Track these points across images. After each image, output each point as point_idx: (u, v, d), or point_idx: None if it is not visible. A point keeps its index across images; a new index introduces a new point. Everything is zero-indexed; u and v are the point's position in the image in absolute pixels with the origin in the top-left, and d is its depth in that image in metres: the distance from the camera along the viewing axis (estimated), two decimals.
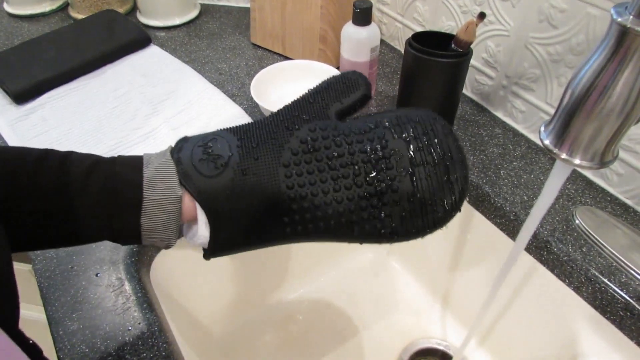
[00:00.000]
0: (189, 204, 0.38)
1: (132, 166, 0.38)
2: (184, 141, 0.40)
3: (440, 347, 0.72)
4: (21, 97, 0.72)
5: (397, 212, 0.37)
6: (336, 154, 0.37)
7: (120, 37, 0.83)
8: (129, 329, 0.47)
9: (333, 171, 0.37)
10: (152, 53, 0.84)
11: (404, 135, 0.38)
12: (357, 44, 0.68)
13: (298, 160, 0.37)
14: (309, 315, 0.77)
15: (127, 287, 0.50)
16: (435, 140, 0.38)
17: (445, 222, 0.39)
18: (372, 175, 0.37)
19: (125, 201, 0.37)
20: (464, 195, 0.38)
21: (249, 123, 0.41)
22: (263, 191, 0.37)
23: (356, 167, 0.37)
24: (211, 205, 0.37)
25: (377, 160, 0.37)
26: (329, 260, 0.81)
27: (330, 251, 0.80)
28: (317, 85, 0.42)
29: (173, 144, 0.40)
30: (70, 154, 0.38)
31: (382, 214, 0.37)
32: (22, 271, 0.63)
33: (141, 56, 0.83)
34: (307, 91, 0.42)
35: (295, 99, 0.42)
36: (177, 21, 0.93)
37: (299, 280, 0.79)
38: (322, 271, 0.81)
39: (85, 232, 0.38)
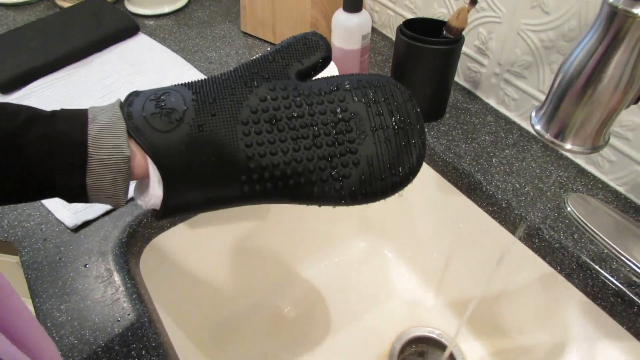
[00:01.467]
0: (140, 161, 0.37)
1: (75, 122, 0.36)
2: (134, 95, 0.38)
3: (433, 336, 0.72)
4: (7, 86, 0.71)
5: (356, 174, 0.37)
6: (296, 114, 0.37)
7: (107, 26, 0.82)
8: (118, 320, 0.46)
9: (292, 131, 0.36)
10: (141, 42, 0.83)
11: (363, 99, 0.38)
12: (348, 31, 0.67)
13: (257, 119, 0.37)
14: (302, 305, 0.77)
15: (116, 278, 0.50)
16: (395, 105, 0.38)
17: (403, 186, 0.39)
18: (332, 136, 0.37)
19: (68, 161, 0.35)
20: (421, 160, 0.39)
21: (203, 79, 0.39)
22: (220, 148, 0.36)
23: (315, 128, 0.37)
24: (165, 162, 0.36)
25: (337, 122, 0.37)
26: (321, 249, 0.81)
27: (323, 240, 0.80)
28: (277, 45, 0.41)
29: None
30: (2, 107, 0.36)
31: (342, 176, 0.37)
32: (9, 263, 0.62)
33: (129, 45, 0.82)
34: (267, 50, 0.41)
35: (254, 57, 0.40)
36: (166, 9, 0.92)
37: (292, 270, 0.79)
38: (315, 260, 0.81)
39: (26, 192, 0.36)
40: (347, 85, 0.38)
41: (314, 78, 0.41)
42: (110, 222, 0.55)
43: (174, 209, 0.38)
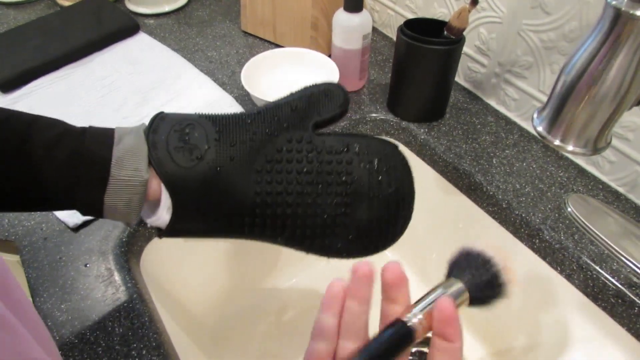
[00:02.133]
0: (155, 186, 0.39)
1: (102, 142, 0.38)
2: (160, 120, 0.40)
3: None
4: (7, 85, 0.71)
5: (345, 234, 0.40)
6: (305, 170, 0.39)
7: (108, 25, 0.82)
8: (119, 320, 0.46)
9: (299, 185, 0.39)
10: (141, 41, 0.83)
11: (368, 166, 0.40)
12: (349, 31, 0.67)
13: (270, 168, 0.39)
14: (302, 304, 0.77)
15: (117, 277, 0.50)
16: (395, 177, 0.41)
17: (384, 249, 0.43)
18: (333, 196, 0.39)
19: (91, 177, 0.37)
20: (404, 229, 0.43)
21: (229, 115, 0.41)
22: (232, 190, 0.39)
23: (320, 187, 0.39)
24: (179, 195, 0.38)
25: (340, 184, 0.39)
26: None
27: None
28: (300, 92, 0.43)
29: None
30: (37, 120, 0.38)
31: (333, 234, 0.40)
32: (10, 262, 0.62)
33: (129, 44, 0.82)
34: (290, 95, 0.43)
35: (279, 100, 0.43)
36: (166, 8, 0.92)
37: (292, 269, 0.79)
38: (315, 260, 0.80)
39: (47, 201, 0.38)
40: (357, 149, 0.40)
41: (328, 130, 0.43)
42: (110, 222, 0.55)
43: (176, 233, 0.40)
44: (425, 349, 0.72)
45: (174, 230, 0.40)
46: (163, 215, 0.39)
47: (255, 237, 0.41)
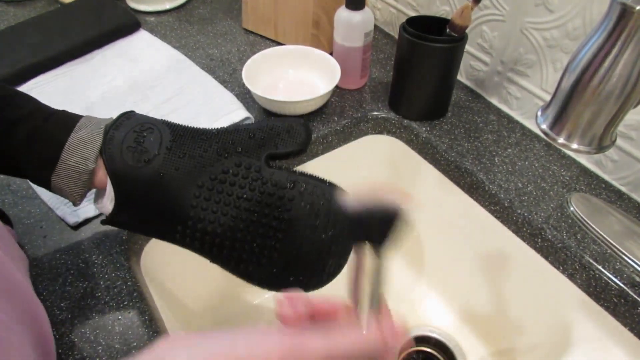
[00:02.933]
0: (103, 177, 0.42)
1: (63, 126, 0.42)
2: (125, 118, 0.43)
3: (434, 335, 0.72)
4: (7, 82, 0.70)
5: (270, 266, 0.41)
6: (245, 197, 0.40)
7: (108, 22, 0.81)
8: (119, 319, 0.46)
9: (236, 209, 0.40)
10: (142, 38, 0.82)
11: (308, 207, 0.41)
12: (351, 28, 0.67)
13: (212, 186, 0.41)
14: None
15: (117, 275, 0.49)
16: (334, 222, 0.41)
17: (305, 291, 0.42)
18: (267, 228, 0.40)
19: (43, 157, 0.41)
20: (330, 279, 0.43)
21: (190, 128, 0.44)
22: (170, 199, 0.41)
23: (256, 215, 0.40)
24: (122, 190, 0.41)
25: (276, 218, 0.40)
26: None
27: None
28: (263, 121, 0.45)
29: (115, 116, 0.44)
30: (13, 97, 0.43)
31: (259, 263, 0.41)
32: None
33: (130, 41, 0.81)
34: (254, 123, 0.45)
35: (241, 125, 0.45)
36: (167, 5, 0.91)
37: None
38: None
39: (13, 169, 0.43)
40: (302, 188, 0.41)
41: (281, 165, 0.44)
42: None
43: (117, 224, 0.44)
44: (426, 349, 0.72)
45: (113, 221, 0.43)
46: (107, 205, 0.42)
47: (186, 247, 0.42)
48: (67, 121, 0.42)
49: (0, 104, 0.41)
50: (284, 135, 0.44)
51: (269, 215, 0.40)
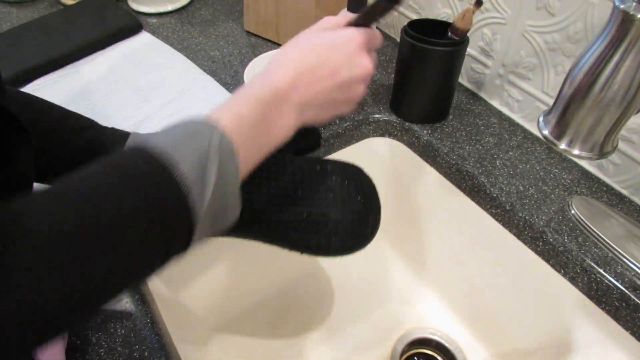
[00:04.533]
0: None
1: (118, 137, 0.48)
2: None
3: (435, 337, 0.72)
4: (9, 84, 0.71)
5: (324, 233, 0.46)
6: (284, 179, 0.46)
7: (110, 24, 0.81)
8: (121, 321, 0.46)
9: (278, 189, 0.45)
10: (143, 40, 0.83)
11: (339, 179, 0.47)
12: None
13: (250, 180, 0.43)
14: (304, 306, 0.77)
15: None
16: (362, 190, 0.48)
17: (358, 249, 0.48)
18: (306, 202, 0.46)
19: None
20: (374, 234, 0.49)
21: None
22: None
23: (299, 192, 0.46)
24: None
25: (317, 190, 0.46)
26: None
27: None
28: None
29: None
30: (72, 113, 0.48)
31: (313, 231, 0.46)
32: None
33: (132, 43, 0.82)
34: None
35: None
36: (169, 7, 0.91)
37: (294, 270, 0.79)
38: (317, 261, 0.80)
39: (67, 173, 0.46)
40: (329, 167, 0.48)
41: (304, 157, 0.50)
42: None
43: None
44: (427, 351, 0.72)
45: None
46: None
47: (239, 232, 0.46)
48: (120, 133, 0.48)
49: (63, 116, 0.47)
50: (302, 131, 0.47)
51: (311, 187, 0.46)
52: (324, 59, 0.39)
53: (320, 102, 0.39)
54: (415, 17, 0.77)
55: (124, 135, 0.48)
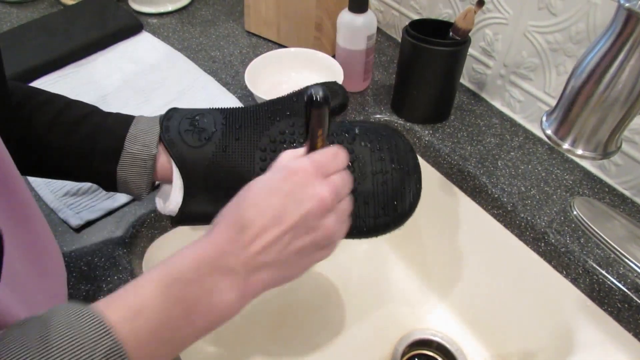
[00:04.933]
0: (166, 166, 0.43)
1: (122, 122, 0.44)
2: (173, 111, 0.45)
3: (436, 339, 0.71)
4: None
5: (351, 209, 0.39)
6: None
7: (111, 24, 0.81)
8: None
9: None
10: (144, 40, 0.82)
11: (369, 144, 0.42)
12: (354, 31, 0.67)
13: (274, 147, 0.42)
14: (304, 307, 0.77)
15: (119, 278, 0.49)
16: (396, 153, 0.42)
17: (394, 227, 0.43)
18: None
19: (107, 149, 0.42)
20: (414, 205, 0.43)
21: (236, 107, 0.45)
22: (239, 168, 0.41)
23: None
24: (189, 172, 0.41)
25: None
26: None
27: None
28: (302, 88, 0.46)
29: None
30: (74, 102, 0.45)
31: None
32: None
33: (132, 43, 0.82)
34: (292, 91, 0.46)
35: (280, 96, 0.46)
36: (170, 7, 0.91)
37: None
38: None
39: (73, 170, 0.44)
40: (357, 131, 0.43)
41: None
42: (113, 223, 0.54)
43: (189, 217, 0.43)
44: (428, 352, 0.72)
45: (185, 212, 0.42)
46: (176, 196, 0.42)
47: None
48: (125, 118, 0.45)
49: (65, 106, 0.44)
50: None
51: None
52: (262, 205, 0.32)
53: (275, 259, 0.33)
54: (416, 17, 0.77)
55: (128, 119, 0.45)
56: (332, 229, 0.34)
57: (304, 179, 0.33)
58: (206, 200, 0.42)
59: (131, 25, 0.82)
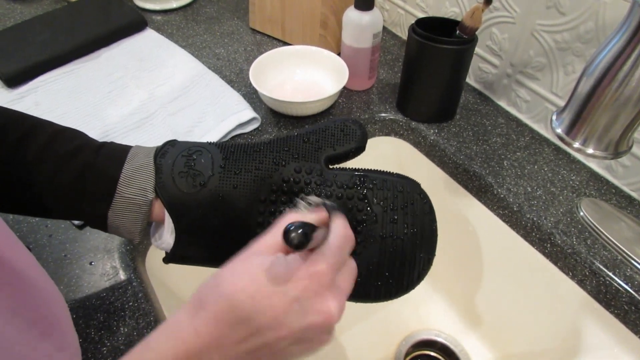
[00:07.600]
0: (160, 209, 0.39)
1: (115, 158, 0.39)
2: (170, 145, 0.41)
3: (440, 339, 0.71)
4: (13, 80, 0.70)
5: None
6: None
7: (115, 20, 0.81)
8: (124, 319, 0.45)
9: None
10: (148, 37, 0.82)
11: (382, 202, 0.37)
12: (359, 29, 0.66)
13: (275, 198, 0.38)
14: None
15: (122, 276, 0.49)
16: (412, 216, 0.38)
17: (397, 296, 0.39)
18: None
19: (98, 192, 0.38)
20: (423, 275, 0.39)
21: (238, 143, 0.41)
22: (234, 220, 0.38)
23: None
24: (181, 219, 0.38)
25: (350, 221, 0.36)
26: None
27: None
28: (315, 125, 0.42)
29: (161, 144, 0.41)
30: (62, 132, 0.39)
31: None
32: None
33: (137, 40, 0.81)
34: (304, 129, 0.42)
35: (290, 133, 0.42)
36: (174, 4, 0.91)
37: None
38: None
39: (56, 210, 0.39)
40: (371, 185, 0.38)
41: (342, 165, 0.41)
42: None
43: (180, 259, 0.40)
44: (431, 353, 0.71)
45: (175, 255, 0.40)
46: (167, 239, 0.39)
47: None
48: (118, 153, 0.39)
49: (50, 141, 0.38)
50: (338, 134, 0.41)
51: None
52: (264, 304, 0.29)
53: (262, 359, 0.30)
54: (422, 15, 0.77)
55: (122, 154, 0.40)
56: (327, 341, 0.32)
57: (317, 288, 0.29)
58: (199, 244, 0.39)
59: (135, 22, 0.82)
